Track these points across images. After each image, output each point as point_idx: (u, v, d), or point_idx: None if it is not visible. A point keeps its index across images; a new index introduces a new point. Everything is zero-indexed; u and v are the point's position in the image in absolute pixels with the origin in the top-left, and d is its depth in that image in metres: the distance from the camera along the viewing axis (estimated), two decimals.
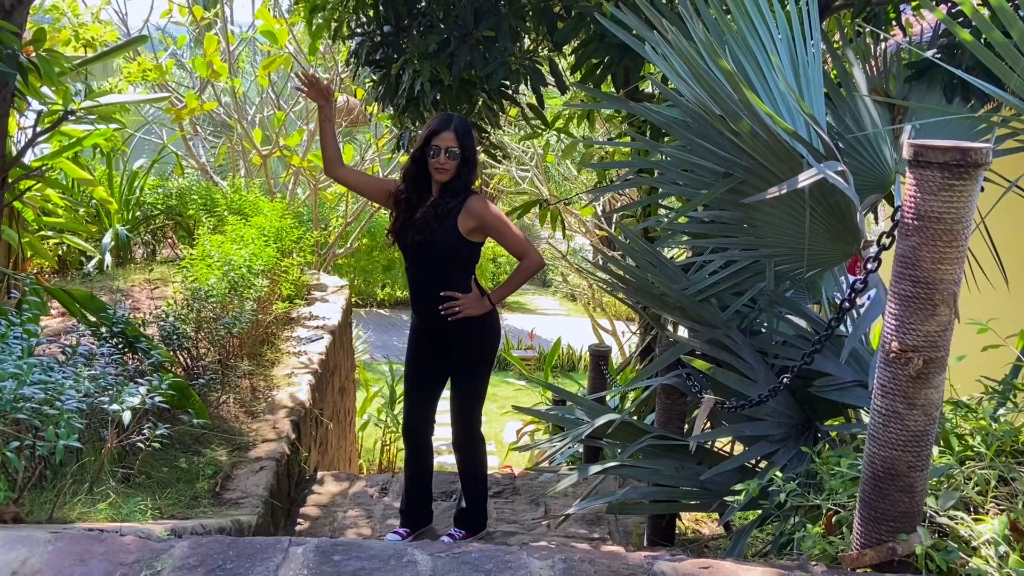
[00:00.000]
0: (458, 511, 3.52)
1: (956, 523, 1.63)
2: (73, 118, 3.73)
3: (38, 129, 3.62)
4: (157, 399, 2.48)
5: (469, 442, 3.42)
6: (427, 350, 3.37)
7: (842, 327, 2.51)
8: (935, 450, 1.86)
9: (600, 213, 9.37)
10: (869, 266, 1.88)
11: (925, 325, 1.39)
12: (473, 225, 3.13)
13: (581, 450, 4.80)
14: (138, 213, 6.66)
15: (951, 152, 1.32)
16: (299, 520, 3.79)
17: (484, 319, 3.23)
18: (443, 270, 3.19)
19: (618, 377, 5.56)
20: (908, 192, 1.38)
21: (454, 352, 3.28)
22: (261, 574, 1.46)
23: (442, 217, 3.11)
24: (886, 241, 1.79)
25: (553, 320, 15.12)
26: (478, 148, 5.12)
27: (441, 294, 3.16)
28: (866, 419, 2.69)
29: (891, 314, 1.42)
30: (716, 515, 3.64)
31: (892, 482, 1.51)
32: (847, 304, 2.02)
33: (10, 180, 3.52)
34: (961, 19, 3.37)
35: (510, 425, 9.47)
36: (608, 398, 4.42)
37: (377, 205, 11.34)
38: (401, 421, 7.68)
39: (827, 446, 2.34)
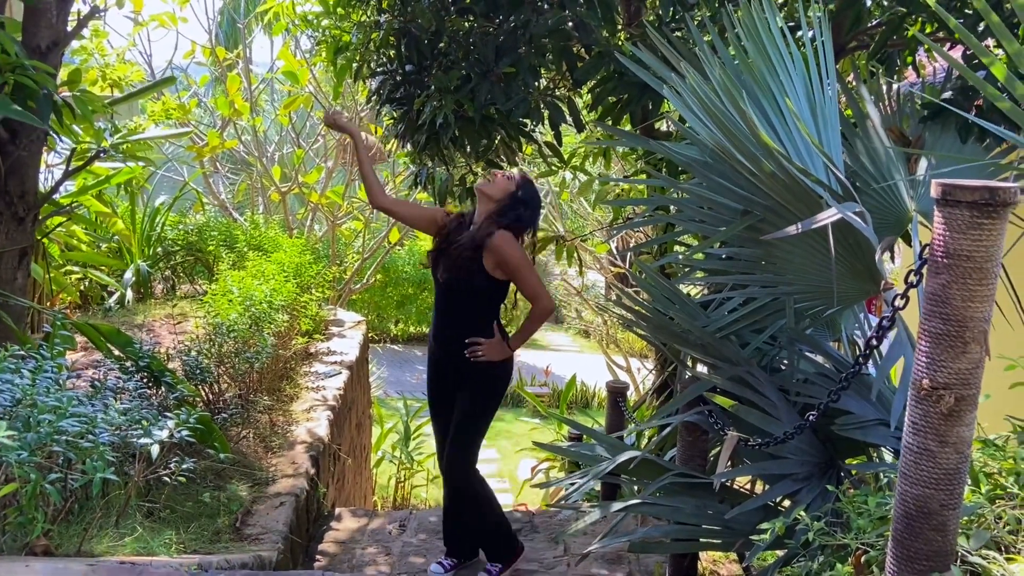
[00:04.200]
0: (484, 548, 3.48)
1: (989, 562, 1.62)
2: (104, 156, 3.81)
3: (70, 167, 3.70)
4: (184, 433, 2.50)
5: (464, 477, 3.29)
6: (444, 380, 3.40)
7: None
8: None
9: (615, 250, 9.40)
10: (897, 303, 1.90)
11: (956, 363, 1.40)
12: (495, 261, 3.17)
13: (598, 487, 4.77)
14: (159, 249, 6.74)
15: (980, 191, 1.34)
16: (317, 556, 3.77)
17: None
18: (470, 305, 3.25)
19: (635, 414, 5.54)
20: (937, 230, 1.40)
21: (467, 383, 3.31)
22: None
23: (470, 255, 3.16)
24: (913, 279, 1.81)
25: (567, 356, 15.07)
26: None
27: (466, 340, 3.21)
28: (888, 458, 2.69)
29: (922, 351, 1.44)
30: (733, 555, 3.60)
31: (925, 520, 1.51)
32: (875, 342, 2.03)
33: (40, 217, 3.59)
34: (975, 61, 3.41)
35: (524, 462, 9.40)
36: (625, 435, 4.40)
37: (419, 232, 11.46)
38: (416, 458, 7.64)
39: (849, 485, 2.32)
